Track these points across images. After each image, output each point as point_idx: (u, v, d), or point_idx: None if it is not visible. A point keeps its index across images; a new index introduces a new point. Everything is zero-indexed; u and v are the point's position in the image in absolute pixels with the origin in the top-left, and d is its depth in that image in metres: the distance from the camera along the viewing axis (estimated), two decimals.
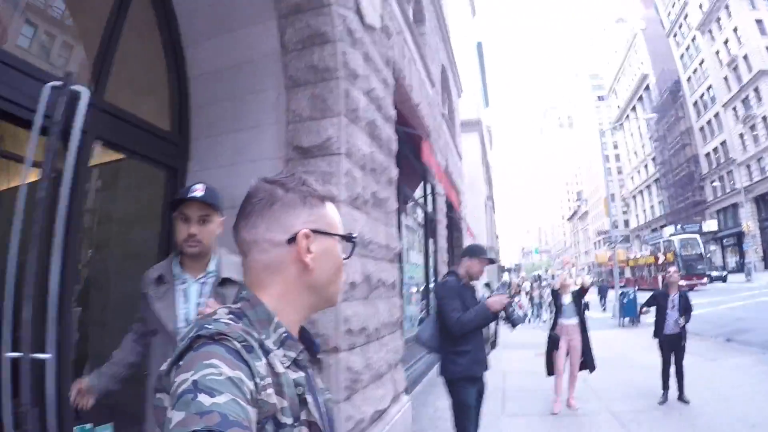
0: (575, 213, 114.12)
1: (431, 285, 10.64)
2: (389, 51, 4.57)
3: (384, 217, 4.11)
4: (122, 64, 3.64)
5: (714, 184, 45.53)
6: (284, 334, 0.80)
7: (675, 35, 53.45)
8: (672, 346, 6.17)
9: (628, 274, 41.31)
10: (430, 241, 11.15)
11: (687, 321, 6.15)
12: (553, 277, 39.46)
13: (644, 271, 37.43)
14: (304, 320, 0.88)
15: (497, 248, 61.63)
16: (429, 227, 11.24)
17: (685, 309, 6.17)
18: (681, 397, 6.03)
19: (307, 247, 0.83)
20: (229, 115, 3.65)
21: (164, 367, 0.69)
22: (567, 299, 6.29)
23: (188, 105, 3.88)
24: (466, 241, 17.48)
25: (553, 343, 6.21)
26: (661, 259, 33.04)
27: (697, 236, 35.32)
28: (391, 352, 4.02)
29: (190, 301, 1.99)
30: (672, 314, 6.22)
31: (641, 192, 67.12)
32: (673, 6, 53.50)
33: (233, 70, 3.67)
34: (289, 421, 0.72)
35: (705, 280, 30.39)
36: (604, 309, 23.01)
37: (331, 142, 3.19)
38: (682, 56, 52.02)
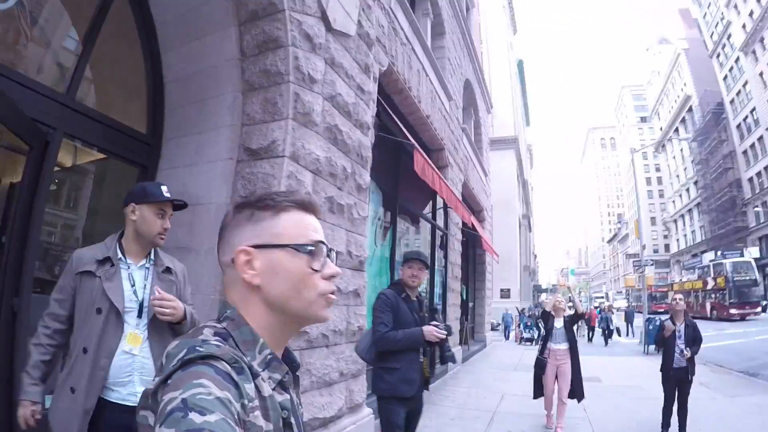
0: (615, 235, 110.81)
1: (437, 299, 10.49)
2: (367, 58, 4.56)
3: (347, 224, 4.07)
4: (104, 68, 3.82)
5: (756, 209, 43.30)
6: (269, 356, 0.78)
7: (718, 56, 51.77)
8: (677, 380, 5.60)
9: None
10: (440, 254, 10.93)
11: (695, 353, 5.57)
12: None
13: (690, 296, 33.75)
14: (281, 340, 0.84)
15: (534, 267, 60.29)
16: (441, 241, 11.06)
17: (693, 340, 5.61)
18: None
19: (245, 263, 0.80)
20: (193, 117, 3.75)
21: (151, 386, 0.68)
22: (558, 323, 6.05)
23: (163, 107, 4.03)
24: (488, 259, 17.10)
25: (539, 368, 6.00)
26: (711, 284, 30.69)
27: (752, 260, 32.08)
28: (345, 361, 3.93)
29: (135, 284, 2.16)
30: (678, 345, 5.66)
31: (682, 216, 64.78)
32: (716, 26, 51.92)
33: (200, 75, 3.77)
34: None
35: (759, 309, 27.62)
36: (632, 335, 22.14)
37: (276, 144, 3.19)
38: (725, 78, 50.20)
